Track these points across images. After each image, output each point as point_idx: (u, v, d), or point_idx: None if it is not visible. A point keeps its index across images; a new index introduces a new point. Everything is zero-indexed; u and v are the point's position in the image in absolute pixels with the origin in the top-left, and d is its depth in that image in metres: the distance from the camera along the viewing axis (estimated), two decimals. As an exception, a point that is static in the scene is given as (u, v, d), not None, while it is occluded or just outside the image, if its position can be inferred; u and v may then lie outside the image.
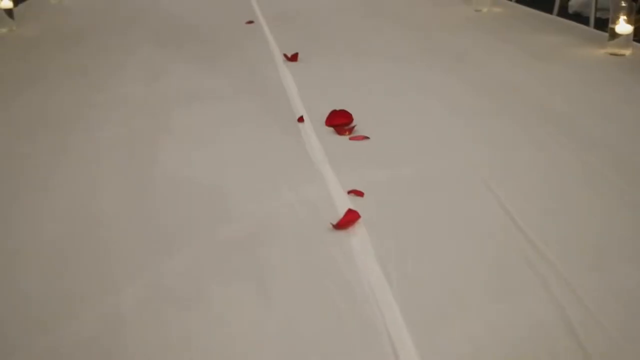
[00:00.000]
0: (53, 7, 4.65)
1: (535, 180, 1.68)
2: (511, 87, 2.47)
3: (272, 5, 4.37)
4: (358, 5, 4.46)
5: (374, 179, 1.68)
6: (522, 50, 3.04)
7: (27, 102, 2.44)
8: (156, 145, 1.96)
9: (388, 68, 2.78)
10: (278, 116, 2.21)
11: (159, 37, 3.54)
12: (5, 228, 1.49)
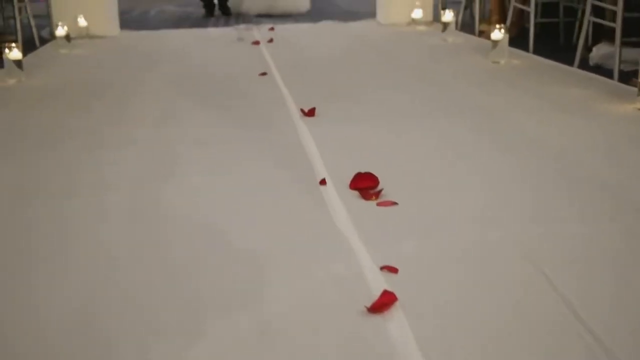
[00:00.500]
0: (63, 56, 4.60)
1: (587, 258, 1.55)
2: (543, 146, 2.36)
3: (284, 56, 4.30)
4: (371, 55, 4.40)
5: (407, 253, 1.56)
6: (547, 104, 2.94)
7: (35, 160, 2.34)
8: (171, 209, 1.85)
9: (410, 125, 2.68)
10: (298, 177, 2.10)
11: (171, 90, 3.46)
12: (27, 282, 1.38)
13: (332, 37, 5.19)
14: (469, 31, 5.20)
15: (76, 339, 1.24)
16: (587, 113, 2.80)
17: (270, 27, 5.66)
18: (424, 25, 5.52)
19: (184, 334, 1.24)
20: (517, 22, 4.80)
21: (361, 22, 6.01)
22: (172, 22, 6.75)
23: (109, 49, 4.91)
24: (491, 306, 1.34)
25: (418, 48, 4.57)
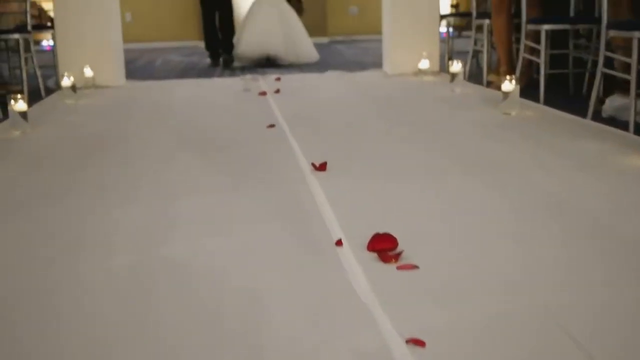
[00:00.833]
0: (68, 108, 4.56)
1: (622, 327, 1.46)
2: (564, 205, 2.27)
3: (292, 107, 4.26)
4: (380, 107, 4.35)
5: (433, 323, 1.46)
6: (564, 159, 2.87)
7: (39, 218, 2.26)
8: (181, 270, 1.76)
9: (426, 181, 2.60)
10: (312, 237, 2.01)
11: (176, 141, 3.40)
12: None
13: (339, 88, 5.17)
14: (476, 81, 5.17)
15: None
16: (606, 169, 2.72)
17: (276, 77, 5.64)
18: (431, 75, 5.50)
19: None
20: (526, 72, 4.77)
21: (368, 72, 6.00)
22: (178, 71, 6.76)
23: (114, 99, 4.88)
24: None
25: (427, 99, 4.53)
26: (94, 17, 5.36)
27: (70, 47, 5.35)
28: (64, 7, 5.35)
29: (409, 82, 5.31)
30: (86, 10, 5.34)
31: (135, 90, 5.34)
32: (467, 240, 1.97)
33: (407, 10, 5.70)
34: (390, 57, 5.84)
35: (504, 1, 4.79)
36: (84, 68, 5.18)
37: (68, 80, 4.75)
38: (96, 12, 5.36)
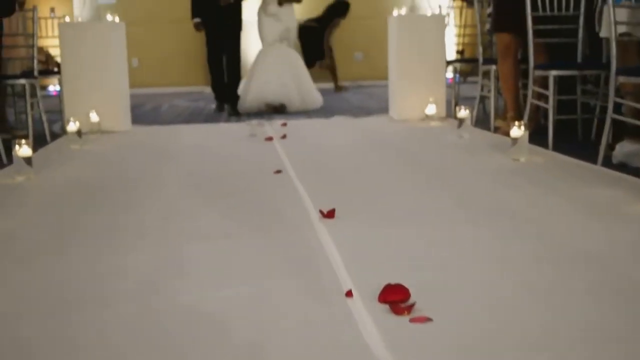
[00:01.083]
0: (73, 153, 4.54)
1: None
2: (579, 254, 2.21)
3: (298, 153, 4.22)
4: (388, 153, 4.32)
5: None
6: (576, 206, 2.81)
7: (40, 268, 2.20)
8: (186, 321, 1.70)
9: (436, 229, 2.54)
10: (321, 287, 1.96)
11: (182, 188, 3.36)
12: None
13: (346, 133, 5.14)
14: (484, 127, 5.14)
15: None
16: (620, 216, 2.67)
17: (282, 122, 5.62)
18: (438, 121, 5.48)
19: None
20: (533, 118, 4.74)
21: (374, 118, 5.99)
22: (184, 116, 6.76)
23: (120, 144, 4.86)
24: None
25: (435, 145, 4.50)
26: (101, 62, 5.37)
27: (76, 92, 5.35)
28: (70, 53, 5.37)
29: (416, 128, 5.29)
30: (93, 56, 5.35)
31: (141, 135, 5.32)
32: (481, 291, 1.90)
33: (413, 56, 5.70)
34: (396, 102, 5.83)
35: (510, 47, 4.79)
36: (90, 113, 5.17)
37: (74, 125, 4.74)
38: (103, 58, 5.38)
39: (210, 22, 6.55)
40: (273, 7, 6.84)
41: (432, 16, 5.78)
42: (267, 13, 6.86)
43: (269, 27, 6.90)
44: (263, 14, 6.90)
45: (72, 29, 5.45)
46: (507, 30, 4.76)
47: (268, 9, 6.86)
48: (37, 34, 5.09)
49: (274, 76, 6.75)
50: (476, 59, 5.68)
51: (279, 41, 6.93)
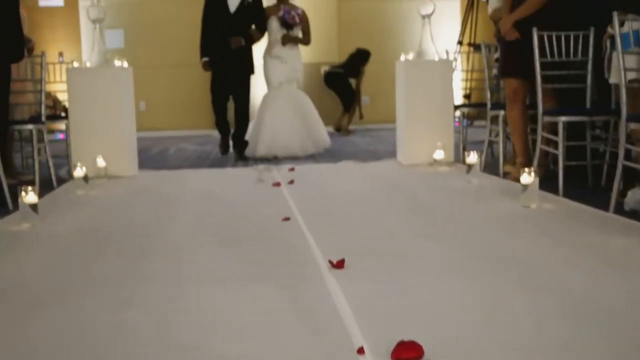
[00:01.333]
0: (80, 198, 4.51)
1: None
2: (598, 308, 2.15)
3: (307, 199, 4.19)
4: (397, 199, 4.28)
5: None
6: (590, 256, 2.76)
7: (48, 320, 2.15)
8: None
9: (449, 281, 2.49)
10: (331, 343, 1.90)
11: (189, 237, 3.32)
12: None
13: (354, 179, 5.11)
14: (492, 172, 5.11)
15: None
16: (633, 265, 2.61)
17: (290, 167, 5.60)
18: (446, 166, 5.45)
19: None
20: (543, 163, 4.71)
21: (382, 163, 5.96)
22: (191, 161, 6.74)
23: (126, 190, 4.83)
24: None
25: (444, 191, 4.45)
26: (109, 107, 5.37)
27: (83, 137, 5.35)
28: (78, 98, 5.38)
29: (425, 173, 5.26)
30: (101, 101, 5.36)
31: (148, 180, 5.30)
32: (498, 348, 1.84)
33: (421, 101, 5.70)
34: (404, 147, 5.81)
35: (519, 92, 4.78)
36: (97, 158, 5.16)
37: (80, 171, 4.72)
38: (111, 103, 5.38)
39: (220, 63, 6.48)
40: (277, 48, 6.77)
41: (440, 61, 5.77)
42: (271, 55, 6.79)
43: (274, 69, 6.80)
44: (268, 56, 6.83)
45: (80, 75, 5.45)
46: (515, 75, 4.75)
47: (272, 51, 6.79)
48: (45, 79, 5.11)
49: (282, 126, 6.61)
50: (484, 104, 5.67)
51: (286, 83, 6.82)
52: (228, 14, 6.42)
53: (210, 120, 9.58)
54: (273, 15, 6.68)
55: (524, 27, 4.56)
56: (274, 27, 6.69)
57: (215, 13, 6.46)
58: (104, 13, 5.60)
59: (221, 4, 6.43)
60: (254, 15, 6.54)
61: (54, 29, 9.57)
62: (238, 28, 6.43)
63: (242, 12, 6.44)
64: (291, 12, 6.65)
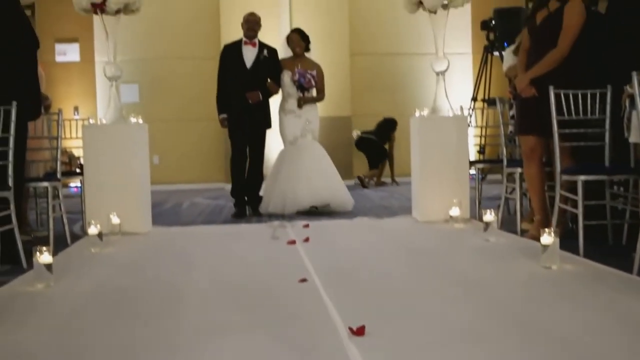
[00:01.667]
0: (94, 256, 4.49)
1: None
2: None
3: (323, 258, 4.14)
4: (415, 258, 4.22)
5: None
6: (617, 322, 2.69)
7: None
8: None
9: (475, 349, 2.41)
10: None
11: (204, 299, 3.27)
12: None
13: (370, 236, 5.06)
14: (509, 229, 5.05)
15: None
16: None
17: (304, 223, 5.56)
18: (462, 223, 5.39)
19: None
20: (561, 222, 4.65)
21: (397, 219, 5.92)
22: (205, 216, 6.73)
23: (140, 248, 4.80)
24: None
25: (462, 249, 4.40)
26: (124, 164, 5.38)
27: (98, 194, 5.34)
28: (94, 155, 5.39)
29: (441, 231, 5.20)
30: (116, 157, 5.36)
31: (161, 237, 5.27)
32: None
33: (436, 157, 5.68)
34: (419, 203, 5.77)
35: (535, 150, 4.74)
36: (111, 215, 5.13)
37: (95, 228, 4.70)
38: (126, 159, 5.39)
39: (239, 120, 6.42)
40: (291, 102, 6.64)
41: (454, 117, 5.77)
42: (285, 111, 6.67)
43: (288, 124, 6.66)
44: (282, 112, 6.70)
45: (96, 131, 5.47)
46: (531, 133, 4.72)
47: (286, 106, 6.67)
48: (61, 137, 5.13)
49: (297, 183, 6.45)
50: (499, 160, 5.64)
51: (301, 137, 6.65)
52: (244, 68, 6.41)
53: (222, 173, 9.65)
54: (287, 70, 6.59)
55: (540, 84, 4.55)
56: (287, 81, 6.61)
57: (231, 68, 6.45)
58: (120, 70, 5.64)
59: (237, 59, 6.43)
60: (271, 69, 6.51)
61: (69, 84, 9.69)
62: (255, 82, 6.41)
63: (258, 66, 6.43)
64: (306, 75, 6.53)
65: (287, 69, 6.62)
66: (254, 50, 6.45)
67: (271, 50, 6.55)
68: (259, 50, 6.46)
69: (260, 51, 6.46)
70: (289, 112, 6.66)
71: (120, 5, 5.35)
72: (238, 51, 6.46)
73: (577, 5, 4.52)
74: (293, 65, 6.61)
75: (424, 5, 5.59)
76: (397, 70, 10.25)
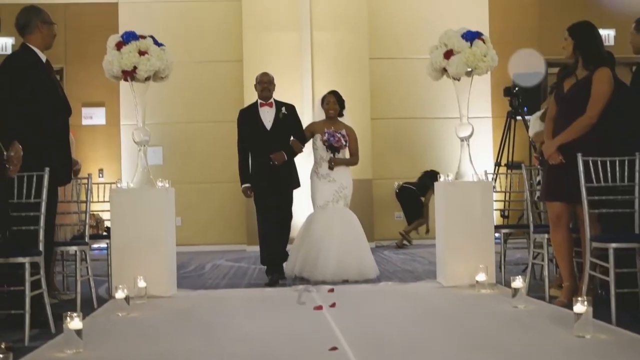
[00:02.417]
0: (120, 321, 4.50)
1: None
2: None
3: (352, 325, 4.11)
4: (444, 324, 4.19)
5: None
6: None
7: None
8: None
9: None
10: None
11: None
12: None
13: (396, 301, 5.04)
14: (536, 294, 5.01)
15: None
16: None
17: (329, 288, 5.51)
18: (489, 288, 5.34)
19: None
20: (590, 288, 4.60)
21: (422, 284, 5.89)
22: (228, 279, 6.72)
23: (166, 313, 4.78)
24: None
25: (491, 316, 4.35)
26: (150, 227, 5.40)
27: (124, 257, 5.36)
28: (121, 219, 5.43)
29: (468, 296, 5.16)
30: (143, 221, 5.40)
31: (186, 302, 5.26)
32: None
33: (461, 222, 5.67)
34: (445, 268, 5.74)
35: (563, 216, 4.73)
36: (137, 279, 5.13)
37: (122, 292, 4.70)
38: (153, 223, 5.41)
39: (265, 185, 6.14)
40: (324, 167, 6.38)
41: (479, 182, 5.78)
42: (318, 175, 6.40)
43: (321, 189, 6.38)
44: (315, 176, 6.43)
45: (124, 195, 5.53)
46: (558, 199, 4.72)
47: (319, 170, 6.40)
48: (90, 201, 5.19)
49: (328, 250, 6.15)
50: (524, 225, 5.62)
51: (332, 201, 6.38)
52: (264, 130, 6.17)
53: (244, 235, 9.67)
54: (319, 134, 6.37)
55: (568, 151, 4.57)
56: (318, 144, 6.39)
57: (251, 132, 6.22)
58: (148, 135, 5.73)
59: (256, 122, 6.19)
60: (292, 126, 6.29)
61: (95, 147, 9.83)
62: (278, 143, 6.14)
63: (279, 125, 6.18)
64: (336, 135, 6.28)
65: (318, 132, 6.39)
66: (271, 110, 6.21)
67: (289, 107, 6.33)
68: (277, 109, 6.23)
69: (278, 110, 6.22)
70: (323, 176, 6.41)
71: (150, 73, 5.46)
72: (255, 114, 6.23)
73: (606, 74, 4.57)
74: (324, 128, 6.38)
75: (449, 72, 5.66)
76: (417, 134, 10.30)
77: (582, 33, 4.74)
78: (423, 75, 6.09)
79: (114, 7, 9.97)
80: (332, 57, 9.78)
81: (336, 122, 6.50)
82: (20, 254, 4.02)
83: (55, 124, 4.59)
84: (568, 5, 9.92)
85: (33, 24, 4.58)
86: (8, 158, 3.72)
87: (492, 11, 10.16)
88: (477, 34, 5.62)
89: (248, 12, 9.77)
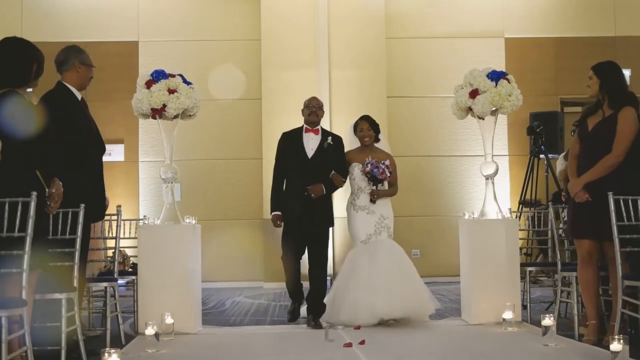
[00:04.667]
0: (151, 357, 4.59)
1: None
2: None
3: (382, 351, 4.10)
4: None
5: None
6: None
7: None
8: None
9: None
10: None
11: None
12: None
13: (424, 339, 5.04)
14: (563, 332, 5.00)
15: None
16: None
17: (356, 325, 5.49)
18: (516, 326, 5.33)
19: None
20: (621, 327, 4.59)
21: (447, 322, 5.88)
22: (251, 315, 6.71)
23: (196, 349, 4.82)
24: None
25: (522, 355, 4.36)
26: (177, 264, 5.42)
27: (151, 293, 5.38)
28: (148, 255, 5.45)
29: (495, 334, 5.15)
30: (169, 258, 5.41)
31: (213, 339, 5.27)
32: None
33: (486, 260, 5.67)
34: (470, 306, 5.73)
35: (592, 254, 4.75)
36: (164, 315, 5.14)
37: (152, 329, 4.71)
38: (179, 260, 5.43)
39: (297, 217, 5.69)
40: (362, 198, 5.89)
41: (504, 220, 5.79)
42: (355, 206, 5.90)
43: (360, 221, 5.86)
44: (352, 208, 5.93)
45: (151, 231, 5.57)
46: (586, 237, 4.74)
47: (356, 202, 5.90)
48: (119, 237, 5.23)
49: (377, 288, 5.60)
50: (551, 263, 5.63)
51: (374, 234, 5.87)
52: (306, 158, 5.75)
53: (260, 272, 9.66)
54: (356, 163, 5.88)
55: (594, 189, 4.61)
56: (357, 174, 5.87)
57: (290, 158, 5.80)
58: (176, 172, 5.79)
59: (297, 148, 5.78)
60: (336, 158, 5.83)
61: (113, 183, 9.87)
62: (317, 174, 5.69)
63: (321, 155, 5.75)
64: (380, 166, 5.74)
65: (355, 161, 5.90)
66: (316, 137, 5.79)
67: (336, 137, 5.91)
68: (323, 137, 5.80)
69: (324, 139, 5.79)
70: (361, 208, 5.88)
71: (179, 111, 5.53)
72: (298, 139, 5.78)
73: (632, 113, 4.64)
74: (362, 157, 5.84)
75: (474, 111, 5.71)
76: (433, 171, 10.34)
77: (607, 72, 4.82)
78: (439, 113, 6.14)
79: (134, 45, 10.11)
80: (350, 95, 9.85)
81: (375, 149, 6.03)
82: (57, 290, 4.05)
83: (91, 161, 4.66)
84: (584, 45, 10.03)
85: (71, 63, 4.69)
86: (49, 195, 3.77)
87: (509, 51, 10.25)
88: (502, 74, 5.70)
89: (267, 50, 9.88)
